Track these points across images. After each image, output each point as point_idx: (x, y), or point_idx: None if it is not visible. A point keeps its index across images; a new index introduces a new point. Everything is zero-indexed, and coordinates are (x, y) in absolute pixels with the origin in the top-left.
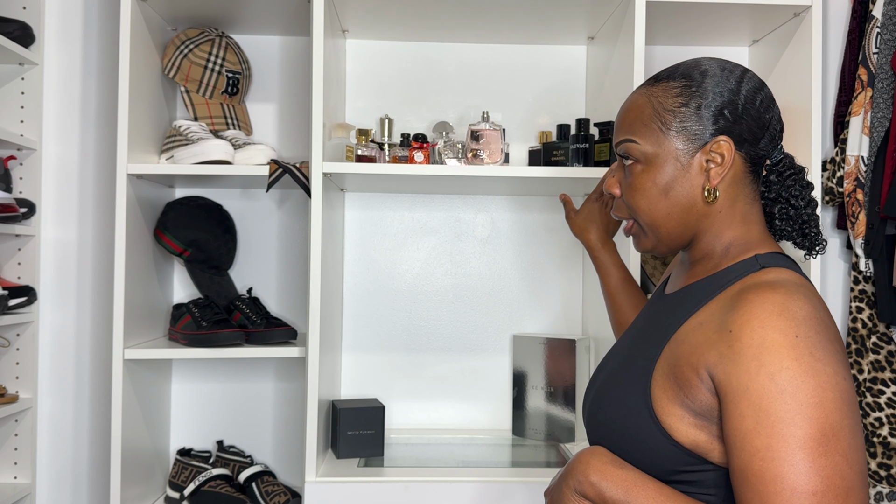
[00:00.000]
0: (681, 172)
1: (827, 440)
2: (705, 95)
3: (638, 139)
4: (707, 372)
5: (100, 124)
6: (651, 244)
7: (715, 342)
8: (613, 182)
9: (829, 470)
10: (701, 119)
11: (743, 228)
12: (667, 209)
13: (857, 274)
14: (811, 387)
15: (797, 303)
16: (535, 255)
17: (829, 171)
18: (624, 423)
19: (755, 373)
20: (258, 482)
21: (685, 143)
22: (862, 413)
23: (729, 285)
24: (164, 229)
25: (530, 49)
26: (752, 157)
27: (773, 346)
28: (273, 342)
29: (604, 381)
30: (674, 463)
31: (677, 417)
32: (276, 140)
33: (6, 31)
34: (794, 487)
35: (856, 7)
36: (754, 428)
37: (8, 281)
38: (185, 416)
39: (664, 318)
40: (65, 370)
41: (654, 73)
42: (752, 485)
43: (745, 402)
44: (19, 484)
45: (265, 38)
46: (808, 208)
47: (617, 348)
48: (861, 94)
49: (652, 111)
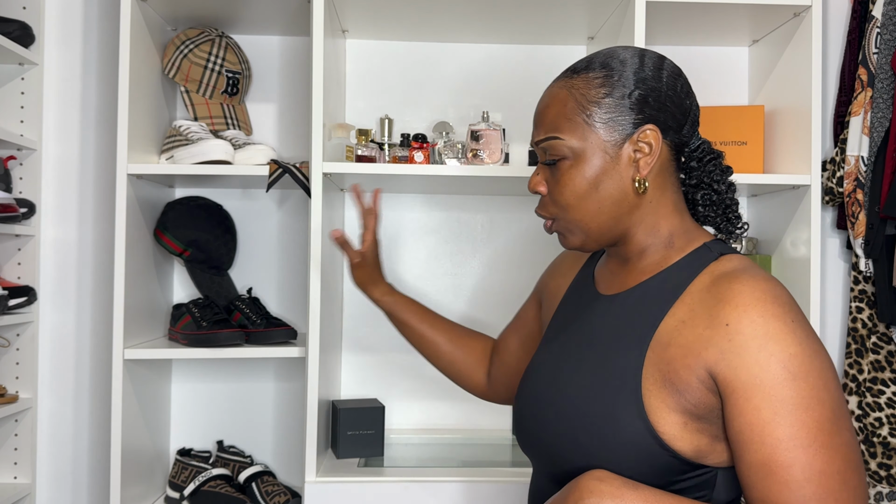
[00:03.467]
0: (610, 165)
1: (837, 418)
2: (628, 84)
3: (562, 135)
4: (707, 371)
5: (100, 124)
6: (580, 241)
7: (710, 339)
8: (539, 180)
9: (844, 448)
10: (626, 109)
11: (677, 218)
12: (597, 204)
13: (857, 274)
14: (817, 368)
15: (777, 287)
16: (535, 254)
17: (829, 171)
18: (615, 441)
19: (765, 363)
20: (258, 482)
21: (612, 135)
22: (862, 413)
23: (694, 277)
24: (164, 229)
25: (530, 49)
26: (677, 145)
27: (777, 334)
28: (273, 342)
29: (572, 398)
30: (673, 473)
31: (679, 425)
32: (276, 140)
33: (6, 31)
34: (822, 470)
35: (856, 7)
36: (773, 419)
37: (8, 281)
38: (185, 416)
39: (624, 320)
40: (65, 370)
41: (570, 65)
42: (779, 476)
43: (759, 394)
44: (19, 484)
45: (265, 38)
46: (728, 192)
47: (560, 359)
48: (861, 94)
49: (575, 104)
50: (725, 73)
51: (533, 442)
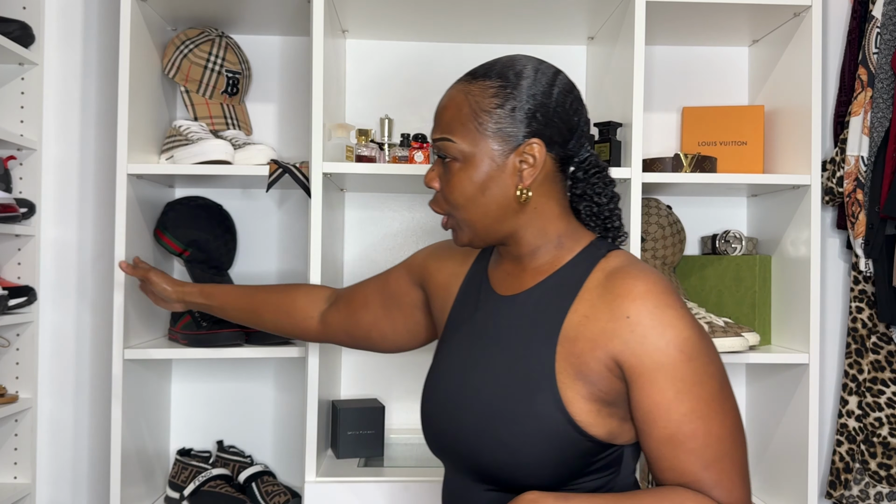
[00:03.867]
0: (496, 172)
1: (723, 388)
2: (519, 98)
3: (455, 138)
4: (613, 360)
5: (100, 124)
6: (468, 238)
7: (614, 331)
8: (433, 176)
9: (732, 412)
10: (515, 121)
11: (564, 221)
12: (484, 206)
13: (856, 274)
14: (705, 347)
15: (663, 279)
16: None
17: (829, 171)
18: (538, 434)
19: (665, 348)
20: (258, 482)
21: (500, 144)
22: (862, 413)
23: (588, 274)
24: (164, 229)
25: (530, 49)
26: (562, 157)
27: (672, 321)
28: (273, 342)
29: (489, 398)
30: (590, 455)
31: (593, 413)
32: (276, 140)
33: (6, 31)
34: (719, 435)
35: (856, 7)
36: (676, 396)
37: (8, 281)
38: (185, 416)
39: (528, 320)
40: (65, 370)
41: (472, 69)
42: (686, 445)
43: (662, 375)
44: (19, 484)
45: (265, 38)
46: (610, 203)
47: (468, 362)
48: (861, 94)
49: (469, 111)
50: (725, 73)
51: (450, 444)
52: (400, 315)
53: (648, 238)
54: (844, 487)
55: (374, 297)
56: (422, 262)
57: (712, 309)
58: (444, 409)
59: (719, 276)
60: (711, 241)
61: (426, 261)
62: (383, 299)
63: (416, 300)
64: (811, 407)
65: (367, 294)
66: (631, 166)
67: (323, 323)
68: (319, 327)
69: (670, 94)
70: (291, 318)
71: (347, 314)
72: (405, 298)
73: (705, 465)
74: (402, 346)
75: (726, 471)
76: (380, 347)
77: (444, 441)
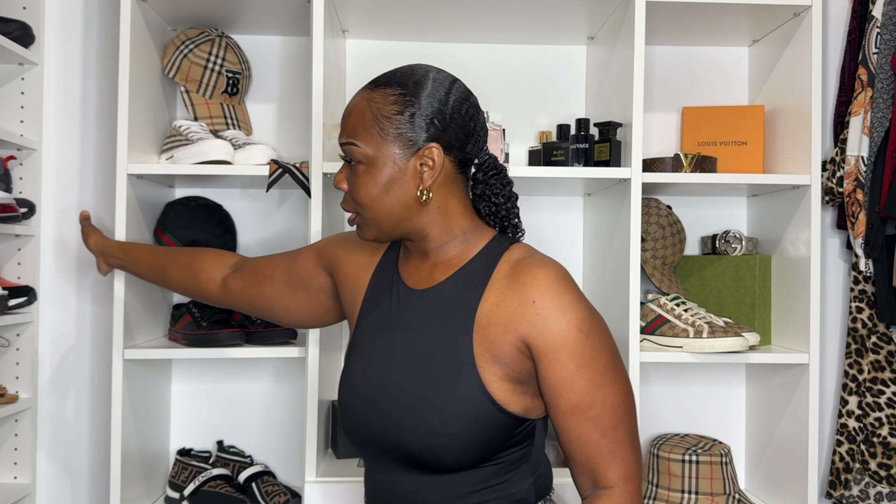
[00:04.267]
0: (398, 174)
1: (615, 359)
2: (418, 105)
3: (359, 142)
4: (522, 341)
5: (100, 124)
6: (374, 234)
7: (522, 315)
8: (342, 178)
9: (625, 380)
10: (414, 127)
11: (467, 219)
12: (388, 206)
13: (856, 274)
14: (599, 326)
15: (561, 268)
16: None
17: (829, 171)
18: (464, 415)
19: (566, 328)
20: (258, 482)
21: (401, 149)
22: (862, 413)
23: (495, 266)
24: (163, 229)
25: (530, 49)
26: (461, 160)
27: (571, 304)
28: (273, 342)
29: (413, 387)
30: (509, 430)
31: (510, 391)
32: (276, 140)
33: (6, 31)
34: (614, 403)
35: (856, 7)
36: (576, 371)
37: (8, 281)
38: (185, 416)
39: (443, 311)
40: (65, 370)
41: (375, 77)
42: (587, 413)
43: (565, 353)
44: (19, 484)
45: (265, 38)
46: (507, 203)
47: (386, 355)
48: (861, 94)
49: (372, 116)
50: (725, 73)
51: (376, 434)
52: (305, 295)
53: (648, 238)
54: (844, 487)
55: (281, 273)
56: (332, 251)
57: (712, 309)
58: (368, 400)
59: (719, 276)
60: (711, 241)
61: (336, 250)
62: (289, 277)
63: (322, 284)
64: (811, 407)
65: (274, 269)
66: (631, 166)
67: (224, 287)
68: (220, 291)
69: (670, 94)
70: (195, 278)
71: (251, 283)
72: (312, 281)
73: (604, 432)
74: (305, 325)
75: (620, 438)
76: (283, 321)
77: (368, 432)
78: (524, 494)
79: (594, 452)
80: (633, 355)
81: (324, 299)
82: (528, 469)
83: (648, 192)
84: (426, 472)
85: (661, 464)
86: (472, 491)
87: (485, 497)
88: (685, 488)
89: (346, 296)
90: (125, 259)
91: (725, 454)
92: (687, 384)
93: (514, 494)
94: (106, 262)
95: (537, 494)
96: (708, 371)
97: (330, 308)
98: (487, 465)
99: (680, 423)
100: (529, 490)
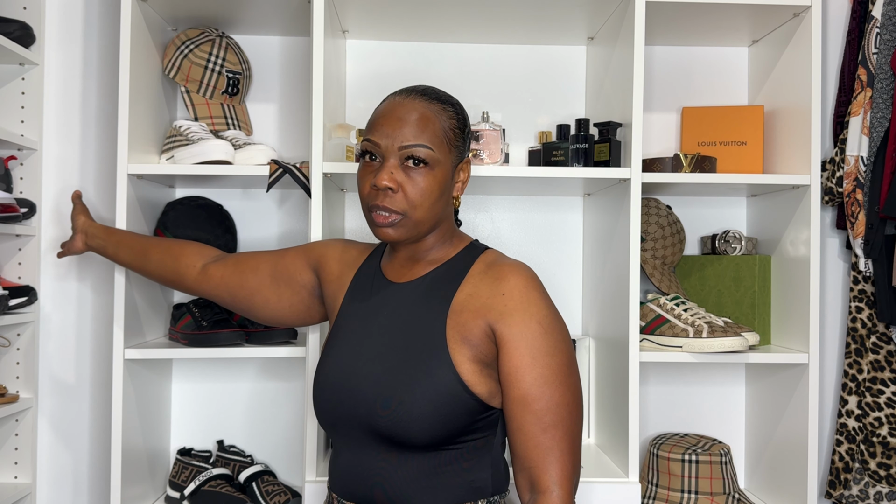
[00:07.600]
0: (450, 182)
1: (571, 363)
2: (465, 123)
3: (433, 147)
4: (490, 327)
5: (100, 124)
6: (407, 234)
7: (492, 305)
8: (393, 178)
9: (574, 386)
10: (462, 140)
11: (451, 224)
12: (437, 209)
13: (856, 274)
14: (559, 326)
15: (529, 269)
16: (534, 255)
17: (828, 171)
18: (434, 392)
19: (528, 321)
20: (258, 482)
21: (454, 158)
22: (861, 413)
23: (472, 265)
24: (164, 229)
25: (530, 49)
26: None
27: (535, 300)
28: (273, 342)
29: (390, 365)
30: (475, 413)
31: (476, 373)
32: (276, 140)
33: (6, 31)
34: (559, 402)
35: (855, 7)
36: (531, 362)
37: (8, 281)
38: (185, 416)
39: (423, 299)
40: (65, 370)
41: (414, 88)
42: (530, 407)
43: (523, 343)
44: (19, 484)
45: (265, 38)
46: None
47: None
48: (860, 94)
49: (440, 126)
50: (725, 73)
51: (347, 411)
52: (287, 290)
53: (648, 238)
54: (844, 487)
55: (266, 267)
56: (320, 250)
57: (712, 309)
58: (343, 379)
59: (719, 276)
60: (711, 241)
61: (324, 250)
62: (274, 270)
63: (307, 282)
64: (811, 407)
65: (260, 261)
66: (631, 166)
67: (204, 273)
68: (199, 277)
69: (670, 94)
70: (175, 262)
71: (234, 272)
72: (297, 277)
73: (544, 428)
74: (282, 320)
75: (559, 439)
76: (259, 314)
77: (340, 410)
78: (482, 483)
79: (532, 447)
80: (632, 355)
81: (305, 296)
82: (489, 461)
83: (648, 192)
84: (392, 448)
85: (661, 463)
86: (435, 472)
87: (446, 479)
88: (685, 488)
89: (329, 291)
90: (107, 241)
91: (725, 454)
92: (687, 384)
93: (473, 481)
94: (87, 242)
95: (494, 488)
96: (708, 371)
97: (311, 306)
98: (451, 447)
99: (680, 423)
100: (487, 481)
